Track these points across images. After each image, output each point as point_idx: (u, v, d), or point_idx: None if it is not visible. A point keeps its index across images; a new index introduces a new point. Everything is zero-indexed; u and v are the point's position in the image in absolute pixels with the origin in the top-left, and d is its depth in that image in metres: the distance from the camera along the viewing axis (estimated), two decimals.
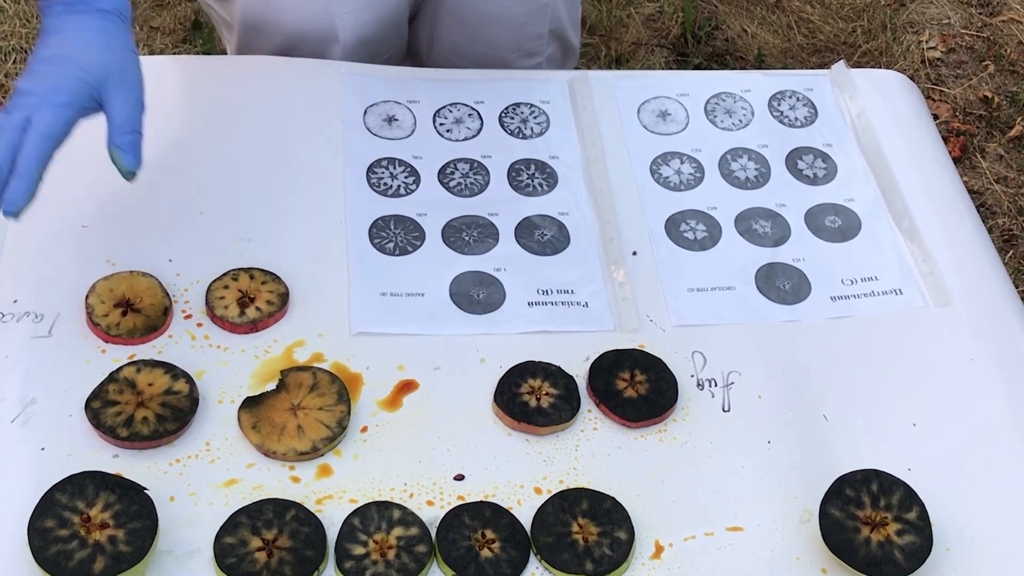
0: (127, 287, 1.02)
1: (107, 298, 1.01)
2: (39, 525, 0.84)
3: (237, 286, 1.03)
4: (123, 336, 0.99)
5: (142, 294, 1.01)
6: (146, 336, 1.00)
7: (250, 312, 1.01)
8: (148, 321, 1.00)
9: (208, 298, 1.02)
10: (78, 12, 1.00)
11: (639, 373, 1.01)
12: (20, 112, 0.95)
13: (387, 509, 0.90)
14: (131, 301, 1.01)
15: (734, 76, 1.30)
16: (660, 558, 0.91)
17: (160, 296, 1.02)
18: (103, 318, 1.00)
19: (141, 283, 1.02)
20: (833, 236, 1.15)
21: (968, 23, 2.58)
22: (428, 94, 1.22)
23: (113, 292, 1.01)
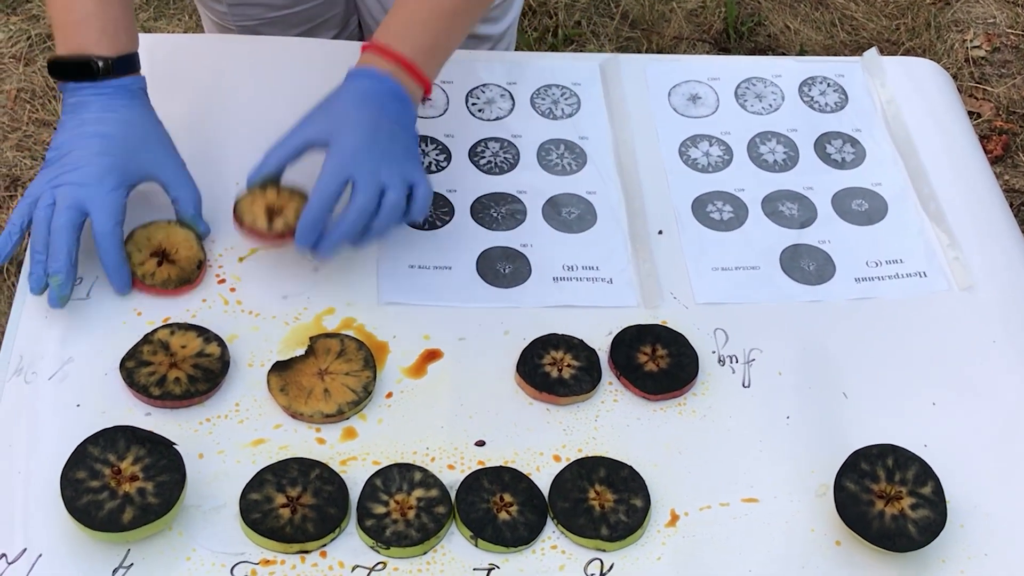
0: (164, 236, 1.04)
1: (144, 247, 1.04)
2: (71, 476, 0.87)
3: (264, 200, 1.02)
4: (157, 286, 1.02)
5: (178, 245, 1.04)
6: (179, 288, 1.03)
7: (278, 224, 1.01)
8: (182, 273, 1.03)
9: (237, 211, 1.02)
10: (103, 93, 1.03)
11: (660, 348, 1.02)
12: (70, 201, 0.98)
13: (409, 471, 0.93)
14: (167, 252, 1.03)
15: (765, 61, 1.31)
16: (675, 526, 0.92)
17: (195, 249, 1.04)
18: (139, 266, 1.02)
19: (178, 234, 1.05)
20: (859, 219, 1.15)
21: (1014, 22, 2.56)
22: (461, 74, 1.25)
23: (150, 241, 1.04)
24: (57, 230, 0.98)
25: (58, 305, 0.99)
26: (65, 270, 0.98)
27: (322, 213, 0.99)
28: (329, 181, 0.99)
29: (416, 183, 1.01)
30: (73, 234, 0.99)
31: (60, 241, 0.98)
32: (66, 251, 0.98)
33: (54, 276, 0.98)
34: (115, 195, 1.00)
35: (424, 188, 1.02)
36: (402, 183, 1.00)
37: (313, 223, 0.99)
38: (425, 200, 1.02)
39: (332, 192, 0.99)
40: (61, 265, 0.98)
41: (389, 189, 0.99)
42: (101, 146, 1.01)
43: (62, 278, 0.98)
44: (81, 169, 1.00)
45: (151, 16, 2.38)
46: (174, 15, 2.40)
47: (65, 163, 1.01)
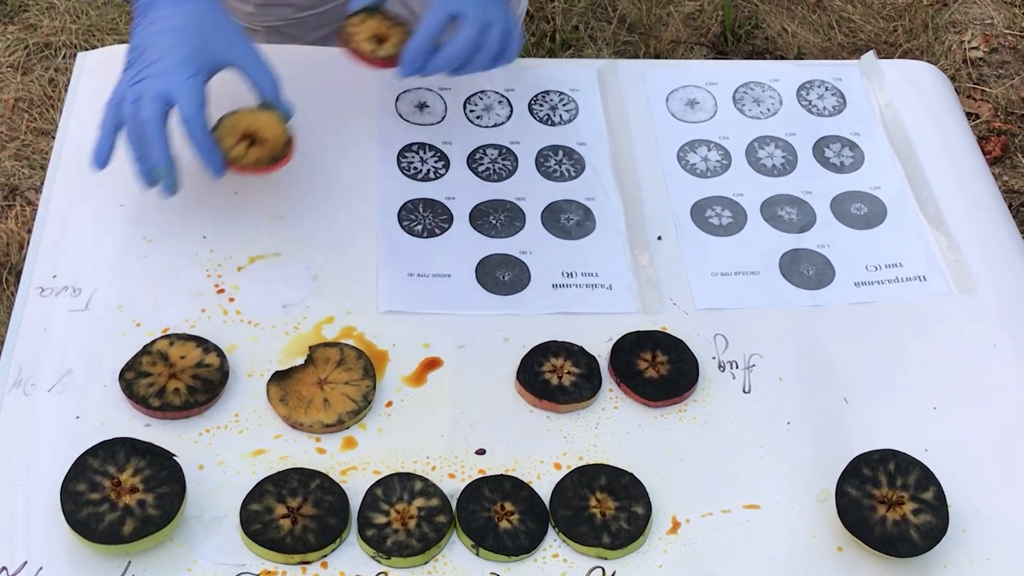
0: (250, 121, 1.06)
1: (232, 133, 1.05)
2: (71, 488, 0.87)
3: (369, 26, 1.09)
4: (250, 166, 1.04)
5: (265, 127, 1.06)
6: (272, 165, 1.05)
7: (383, 49, 1.08)
8: (272, 151, 1.05)
9: (343, 34, 1.09)
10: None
11: (660, 354, 1.02)
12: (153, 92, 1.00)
13: (409, 480, 0.93)
14: (254, 134, 1.05)
15: (763, 66, 1.31)
16: (677, 533, 0.92)
17: (282, 129, 1.06)
18: (230, 150, 1.04)
19: (263, 117, 1.06)
20: (858, 223, 1.15)
21: (1012, 23, 2.56)
22: (459, 81, 1.24)
23: (237, 127, 1.05)
24: (146, 123, 1.00)
25: (171, 192, 1.02)
26: (165, 159, 1.00)
27: (428, 43, 1.05)
28: (438, 13, 1.05)
29: (512, 27, 1.09)
30: (162, 123, 1.00)
31: (152, 133, 1.00)
32: (160, 141, 1.00)
33: (157, 168, 1.01)
34: (194, 80, 1.01)
35: (518, 34, 1.10)
36: (504, 23, 1.07)
37: (419, 51, 1.05)
38: (518, 46, 1.10)
39: (439, 23, 1.05)
40: (160, 156, 1.00)
41: (493, 25, 1.07)
42: (174, 39, 1.03)
43: (165, 167, 1.01)
44: (159, 62, 1.01)
45: None
46: None
47: (143, 60, 1.02)
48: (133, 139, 1.01)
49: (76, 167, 1.13)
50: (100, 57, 1.24)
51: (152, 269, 1.05)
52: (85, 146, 1.14)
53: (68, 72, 2.24)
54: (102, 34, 2.35)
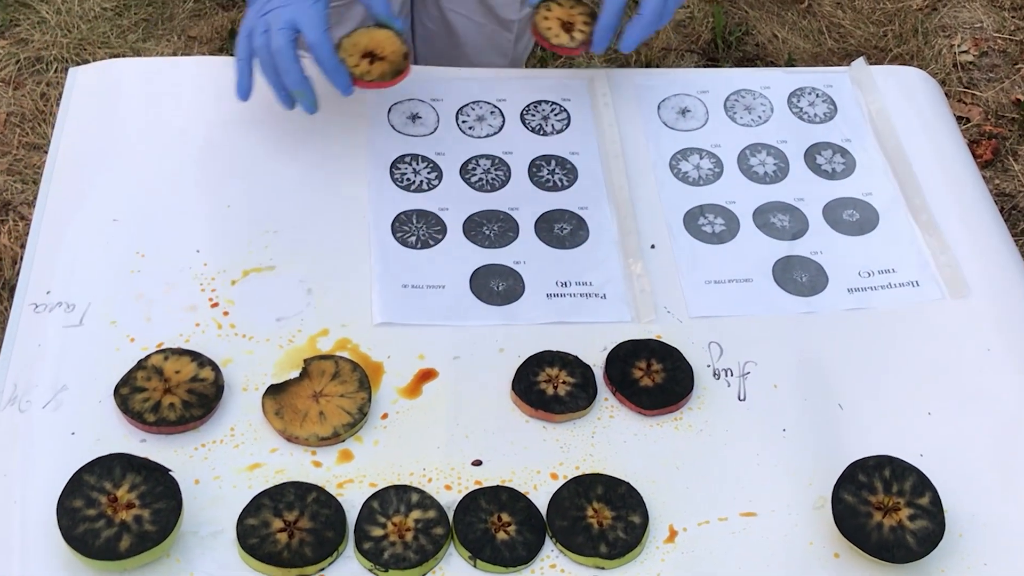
0: (368, 40, 1.12)
1: (353, 52, 1.11)
2: (68, 505, 0.87)
3: (555, 15, 1.17)
4: (375, 80, 1.10)
5: (382, 44, 1.12)
6: (395, 78, 1.11)
7: (577, 36, 1.15)
8: (394, 65, 1.11)
9: (538, 30, 1.16)
10: None
11: (655, 362, 1.02)
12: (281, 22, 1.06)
13: (406, 492, 0.92)
14: (374, 51, 1.11)
15: (754, 73, 1.31)
16: (674, 542, 0.92)
17: (399, 44, 1.12)
18: (354, 68, 1.10)
19: (379, 34, 1.12)
20: (851, 229, 1.16)
21: (1001, 26, 2.57)
22: (451, 92, 1.25)
23: (357, 46, 1.11)
24: (279, 50, 1.07)
25: (313, 110, 1.10)
26: (300, 82, 1.08)
27: (617, 19, 1.14)
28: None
29: None
30: (293, 49, 1.07)
31: (286, 59, 1.07)
32: (294, 65, 1.07)
33: (295, 91, 1.08)
34: (317, 7, 1.07)
35: None
36: None
37: (609, 28, 1.14)
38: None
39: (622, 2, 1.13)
40: (296, 79, 1.08)
41: None
42: None
43: (302, 88, 1.08)
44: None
45: (140, 37, 2.39)
46: (163, 36, 2.40)
47: None
48: (267, 69, 1.08)
49: (69, 182, 1.13)
50: (92, 72, 1.24)
51: (146, 283, 1.05)
52: (78, 160, 1.15)
53: (60, 86, 2.24)
54: (93, 48, 2.35)
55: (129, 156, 1.16)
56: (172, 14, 2.44)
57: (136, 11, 2.43)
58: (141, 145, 1.17)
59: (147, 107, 1.21)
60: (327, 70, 1.08)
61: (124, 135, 1.18)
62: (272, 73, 1.08)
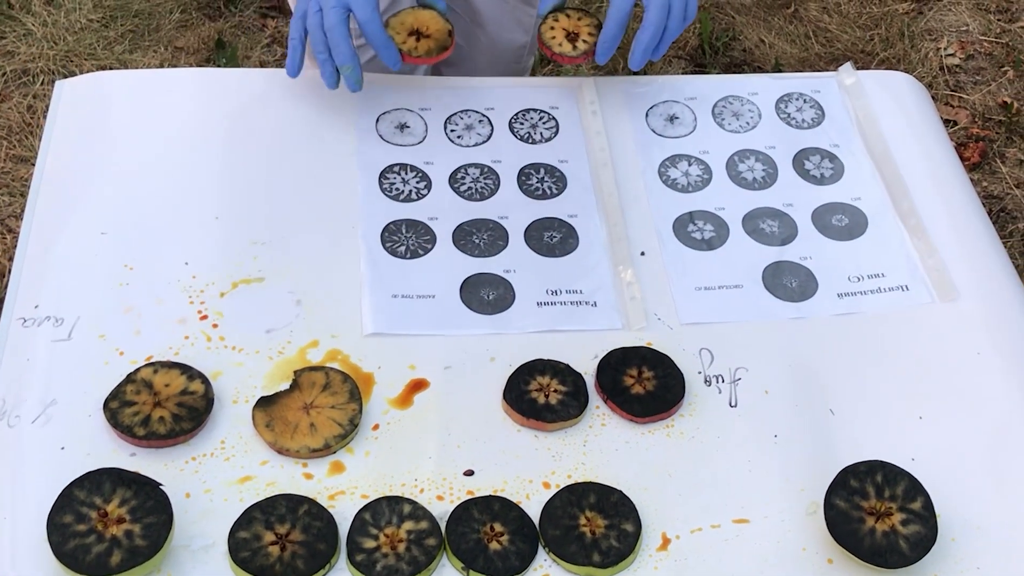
0: (413, 19, 1.18)
1: (400, 30, 1.17)
2: (58, 520, 0.87)
3: (561, 25, 1.20)
4: (423, 55, 1.17)
5: (427, 23, 1.18)
6: (440, 54, 1.17)
7: (580, 46, 1.18)
8: (439, 43, 1.17)
9: (542, 39, 1.20)
10: None
11: (646, 370, 1.02)
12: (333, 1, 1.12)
13: (398, 503, 0.92)
14: (420, 30, 1.18)
15: (742, 79, 1.31)
16: (667, 550, 0.92)
17: (442, 23, 1.19)
18: (403, 44, 1.16)
19: (424, 14, 1.19)
20: (840, 234, 1.16)
21: (987, 29, 2.58)
22: (439, 101, 1.25)
23: (404, 24, 1.18)
24: (331, 28, 1.12)
25: (357, 88, 1.16)
26: (351, 59, 1.13)
27: (620, 30, 1.16)
28: (623, 2, 1.15)
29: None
30: (345, 27, 1.13)
31: (337, 36, 1.12)
32: (345, 43, 1.13)
33: (344, 66, 1.14)
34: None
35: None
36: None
37: (612, 40, 1.16)
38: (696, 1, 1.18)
39: (627, 9, 1.16)
40: (346, 56, 1.13)
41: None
42: None
43: (351, 65, 1.14)
44: None
45: (127, 49, 2.38)
46: (149, 47, 2.40)
47: None
48: (318, 45, 1.14)
49: (57, 195, 1.12)
50: (78, 84, 1.24)
51: (134, 297, 1.05)
52: (66, 173, 1.14)
53: (46, 99, 2.23)
54: (80, 60, 2.35)
55: (117, 169, 1.15)
56: (158, 25, 2.44)
57: (122, 22, 2.43)
58: (129, 157, 1.16)
59: (134, 119, 1.20)
60: (377, 46, 1.14)
61: (111, 147, 1.17)
62: (323, 49, 1.13)
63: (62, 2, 2.45)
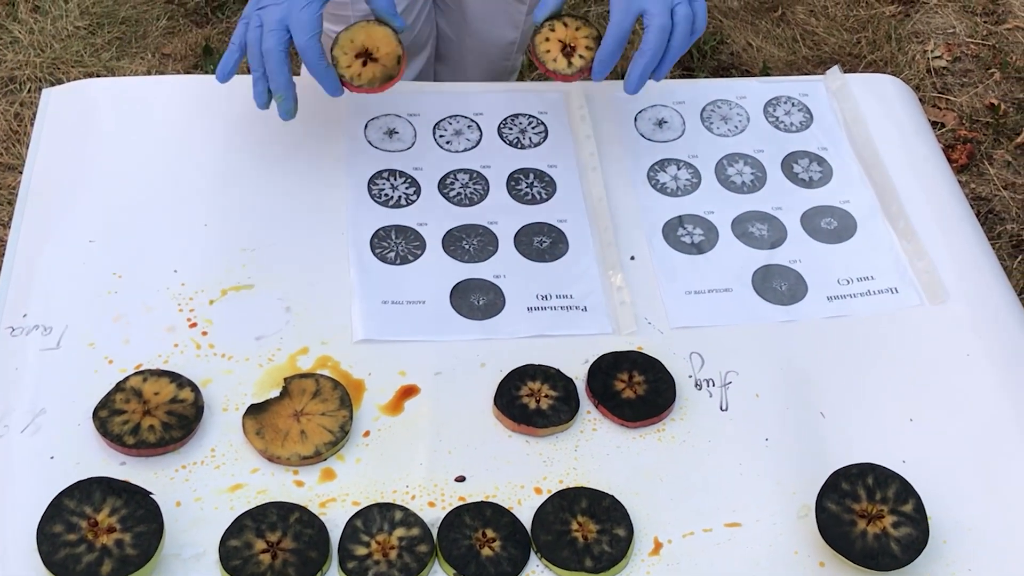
0: (365, 36, 1.11)
1: (349, 49, 1.11)
2: (47, 530, 0.86)
3: (557, 36, 1.12)
4: (364, 86, 1.11)
5: (379, 43, 1.11)
6: (384, 85, 1.11)
7: (575, 61, 1.11)
8: (385, 71, 1.11)
9: (535, 53, 1.12)
10: None
11: (637, 374, 1.02)
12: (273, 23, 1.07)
13: (389, 510, 0.92)
14: (370, 51, 1.11)
15: (730, 83, 1.31)
16: (659, 554, 0.92)
17: (394, 45, 1.11)
18: (346, 69, 1.10)
19: (377, 32, 1.11)
20: (829, 237, 1.16)
21: (973, 32, 2.59)
22: (428, 107, 1.25)
23: (354, 43, 1.11)
24: (268, 52, 1.07)
25: (288, 117, 1.11)
26: (285, 87, 1.08)
27: (618, 47, 1.09)
28: (623, 17, 1.08)
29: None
30: (284, 53, 1.08)
31: (275, 62, 1.07)
32: (281, 69, 1.08)
33: (277, 95, 1.09)
34: (309, 9, 1.07)
35: (702, 1, 1.11)
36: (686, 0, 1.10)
37: (610, 57, 1.09)
38: (704, 12, 1.11)
39: (627, 27, 1.09)
40: (281, 84, 1.08)
41: (678, 5, 1.08)
42: None
43: (284, 94, 1.09)
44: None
45: (114, 56, 2.38)
46: (136, 54, 2.39)
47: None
48: (253, 61, 1.09)
49: (44, 203, 1.12)
50: (66, 92, 1.23)
51: (123, 305, 1.05)
52: (53, 181, 1.14)
53: (33, 106, 2.23)
54: (67, 67, 2.34)
55: (105, 176, 1.15)
56: (145, 32, 2.43)
57: (109, 30, 2.43)
58: (116, 165, 1.16)
59: (122, 127, 1.20)
60: (316, 74, 1.10)
61: (99, 155, 1.17)
62: (258, 67, 1.09)
63: (49, 9, 2.44)
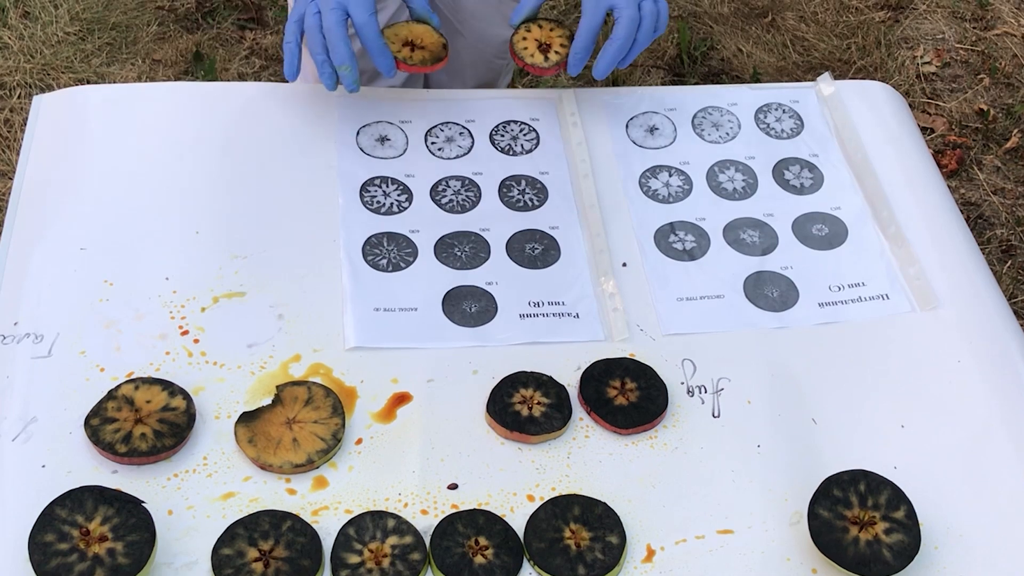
0: (408, 32, 1.20)
1: (395, 40, 1.19)
2: (39, 539, 0.86)
3: (533, 36, 1.21)
4: (417, 64, 1.18)
5: (422, 36, 1.20)
6: (434, 65, 1.19)
7: (552, 57, 1.20)
8: (433, 54, 1.19)
9: (514, 50, 1.21)
10: None
11: (629, 381, 1.02)
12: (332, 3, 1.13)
13: (382, 518, 0.92)
14: (414, 41, 1.19)
15: (721, 90, 1.32)
16: (652, 562, 0.92)
17: (436, 36, 1.20)
18: (398, 53, 1.18)
19: (418, 28, 1.21)
20: (820, 244, 1.16)
21: (962, 37, 2.60)
22: (420, 114, 1.25)
23: (398, 36, 1.19)
24: (329, 28, 1.13)
25: (355, 88, 1.15)
26: (349, 58, 1.13)
27: (591, 41, 1.18)
28: (593, 13, 1.17)
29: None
30: (343, 28, 1.13)
31: (335, 37, 1.13)
32: (344, 43, 1.13)
33: (341, 66, 1.14)
34: None
35: (664, 1, 1.19)
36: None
37: (584, 51, 1.18)
38: (667, 11, 1.20)
39: (598, 22, 1.17)
40: (344, 55, 1.13)
41: (644, 1, 1.17)
42: None
43: (349, 64, 1.14)
44: None
45: (104, 62, 2.37)
46: (127, 60, 2.39)
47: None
48: (316, 47, 1.14)
49: (35, 210, 1.12)
50: (57, 98, 1.23)
51: (115, 312, 1.04)
52: (44, 188, 1.14)
53: (23, 112, 2.22)
54: (57, 73, 2.34)
55: (96, 183, 1.15)
56: (136, 38, 2.43)
57: (100, 35, 2.42)
58: (108, 172, 1.16)
59: (113, 133, 1.20)
60: (373, 51, 1.14)
61: (90, 162, 1.17)
62: (321, 51, 1.14)
63: (39, 15, 2.44)
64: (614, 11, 1.17)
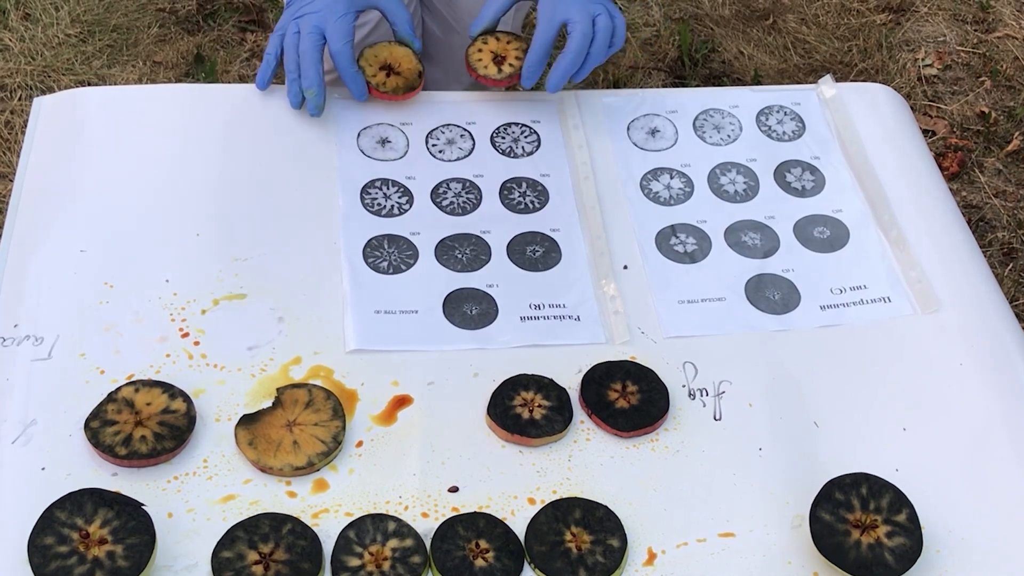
0: (387, 54, 1.23)
1: (373, 62, 1.22)
2: (39, 542, 0.86)
3: (489, 48, 1.23)
4: (389, 92, 1.21)
5: (400, 60, 1.23)
6: (407, 94, 1.22)
7: (505, 69, 1.22)
8: (407, 82, 1.22)
9: (468, 62, 1.23)
10: None
11: (631, 384, 1.02)
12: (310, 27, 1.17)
13: (382, 521, 0.92)
14: (392, 65, 1.22)
15: (722, 93, 1.32)
16: (653, 565, 0.92)
17: (415, 62, 1.23)
18: (371, 77, 1.21)
19: (398, 51, 1.23)
20: (822, 247, 1.16)
21: (964, 40, 2.60)
22: (421, 116, 1.25)
23: (377, 57, 1.22)
24: (304, 52, 1.18)
25: (317, 113, 1.20)
26: (317, 83, 1.18)
27: (544, 54, 1.19)
28: (547, 27, 1.19)
29: (615, 14, 1.20)
30: (317, 53, 1.18)
31: (308, 61, 1.18)
32: (315, 68, 1.18)
33: (308, 89, 1.18)
34: (345, 19, 1.18)
35: (622, 17, 1.21)
36: (607, 11, 1.19)
37: (538, 63, 1.20)
38: (623, 28, 1.21)
39: (551, 35, 1.19)
40: (312, 80, 1.18)
41: (599, 16, 1.18)
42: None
43: (316, 90, 1.19)
44: (316, 1, 1.19)
45: (105, 64, 2.37)
46: (128, 61, 2.39)
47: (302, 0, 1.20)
48: (290, 64, 1.19)
49: (35, 212, 1.12)
50: (57, 100, 1.23)
51: (115, 314, 1.04)
52: (44, 190, 1.14)
53: (24, 114, 2.22)
54: (57, 75, 2.34)
55: (96, 185, 1.15)
56: (137, 40, 2.43)
57: (100, 37, 2.42)
58: (108, 174, 1.16)
59: (114, 135, 1.20)
60: (346, 77, 1.19)
61: (91, 164, 1.17)
62: (294, 69, 1.19)
63: (39, 17, 2.44)
64: (568, 25, 1.18)
